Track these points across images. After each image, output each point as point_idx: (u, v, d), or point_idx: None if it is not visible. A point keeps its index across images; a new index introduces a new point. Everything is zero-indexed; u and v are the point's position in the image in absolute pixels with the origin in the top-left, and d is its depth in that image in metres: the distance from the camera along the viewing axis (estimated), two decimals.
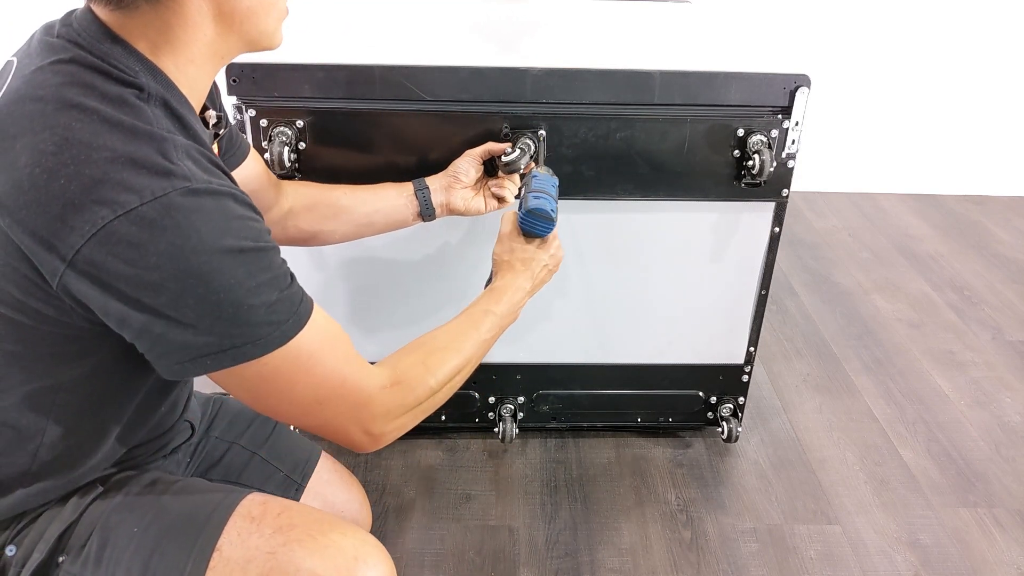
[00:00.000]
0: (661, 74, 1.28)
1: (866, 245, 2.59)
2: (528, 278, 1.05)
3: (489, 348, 0.99)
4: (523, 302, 1.05)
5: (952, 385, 1.89)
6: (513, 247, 1.07)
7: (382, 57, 1.29)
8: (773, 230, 1.42)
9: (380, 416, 0.82)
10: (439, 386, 0.89)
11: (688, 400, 1.59)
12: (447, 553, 1.37)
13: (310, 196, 1.18)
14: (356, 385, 0.79)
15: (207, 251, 0.66)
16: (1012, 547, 1.43)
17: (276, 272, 0.72)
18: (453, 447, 1.62)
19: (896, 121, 2.94)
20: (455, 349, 0.92)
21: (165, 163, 0.66)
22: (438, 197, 1.23)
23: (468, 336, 0.95)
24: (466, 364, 0.93)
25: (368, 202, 1.21)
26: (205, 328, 0.68)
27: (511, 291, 1.02)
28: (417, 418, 0.88)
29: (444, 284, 1.45)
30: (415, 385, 0.86)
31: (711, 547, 1.41)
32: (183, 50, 0.73)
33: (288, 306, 0.73)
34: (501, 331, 1.01)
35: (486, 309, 0.99)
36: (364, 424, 0.81)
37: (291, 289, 0.74)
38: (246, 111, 1.26)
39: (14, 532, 0.80)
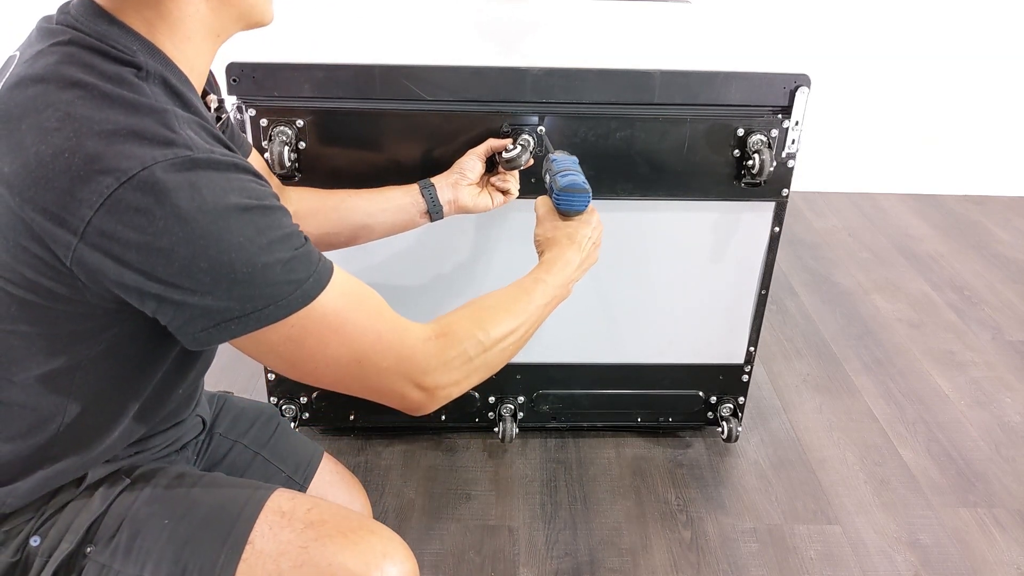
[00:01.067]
0: (661, 74, 1.28)
1: (866, 245, 2.59)
2: (576, 251, 1.02)
3: (544, 317, 0.96)
4: (575, 277, 1.02)
5: (952, 385, 1.89)
6: (556, 225, 1.05)
7: (382, 57, 1.29)
8: (773, 230, 1.42)
9: (430, 369, 0.80)
10: (491, 343, 0.86)
11: (688, 400, 1.59)
12: (447, 553, 1.37)
13: (313, 200, 1.17)
14: (396, 338, 0.77)
15: (213, 210, 0.66)
16: (1012, 547, 1.43)
17: (287, 230, 0.71)
18: (453, 447, 1.62)
19: (896, 121, 2.94)
20: (507, 310, 0.90)
21: (167, 133, 0.66)
22: (445, 194, 1.22)
23: (519, 300, 0.93)
24: (519, 327, 0.90)
25: (373, 204, 1.20)
26: (223, 292, 0.67)
27: (560, 263, 1.00)
28: (472, 376, 0.85)
29: (450, 283, 1.45)
30: (463, 337, 0.83)
31: (711, 547, 1.41)
32: (179, 27, 0.73)
33: (306, 264, 0.72)
34: (555, 303, 0.98)
35: (537, 277, 0.97)
36: (414, 378, 0.79)
37: (306, 248, 0.73)
38: (246, 111, 1.26)
39: (38, 523, 0.80)
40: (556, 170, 1.08)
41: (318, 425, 1.62)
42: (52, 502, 0.81)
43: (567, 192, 1.03)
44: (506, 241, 1.41)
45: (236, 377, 1.81)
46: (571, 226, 1.05)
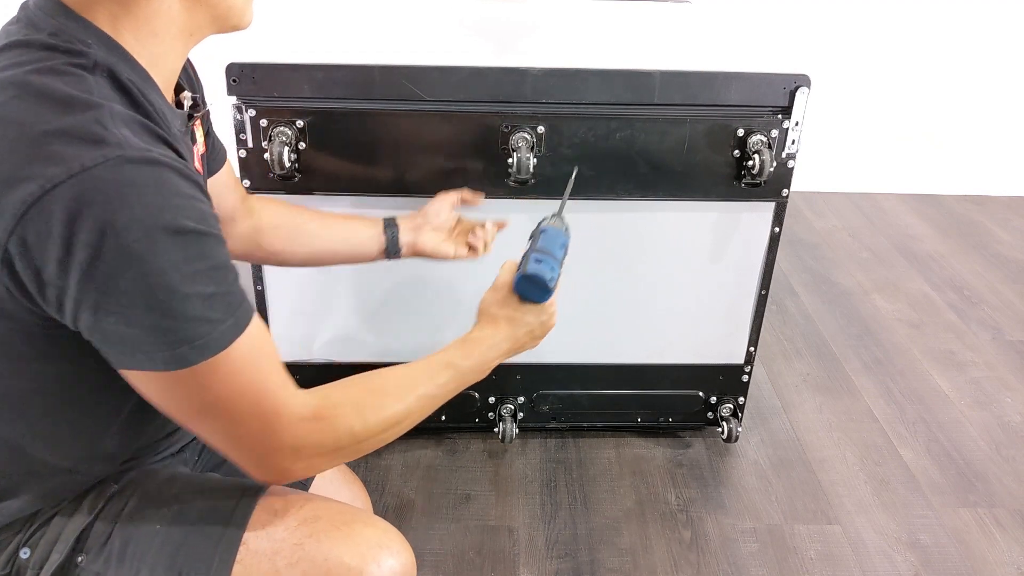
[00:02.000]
0: (661, 74, 1.28)
1: (866, 245, 2.59)
2: (508, 337, 0.96)
3: (439, 403, 0.89)
4: (494, 362, 0.95)
5: (952, 385, 1.89)
6: (506, 301, 0.97)
7: (382, 57, 1.29)
8: (773, 230, 1.42)
9: (288, 450, 0.74)
10: (366, 434, 0.80)
11: (688, 400, 1.59)
12: (447, 553, 1.37)
13: (279, 215, 1.14)
14: (273, 407, 0.72)
15: (140, 227, 0.61)
16: (1012, 547, 1.43)
17: (217, 262, 0.66)
18: (453, 447, 1.62)
19: (896, 121, 2.94)
20: (398, 397, 0.83)
21: (98, 130, 0.62)
22: (406, 236, 1.19)
23: (419, 386, 0.86)
24: (407, 417, 0.84)
25: (335, 232, 1.17)
26: (136, 318, 0.63)
27: (485, 347, 0.93)
28: (335, 461, 0.80)
29: (446, 281, 1.45)
30: (337, 425, 0.77)
31: (711, 547, 1.41)
32: (145, 23, 0.70)
33: (227, 305, 0.67)
34: (461, 387, 0.91)
35: (450, 362, 0.90)
36: (272, 454, 0.74)
37: (233, 287, 0.68)
38: (246, 111, 1.26)
39: (27, 535, 0.80)
40: (536, 247, 0.97)
41: None
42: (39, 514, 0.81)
43: (528, 281, 0.94)
44: (504, 240, 1.41)
45: None
46: (520, 310, 0.97)
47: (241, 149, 1.29)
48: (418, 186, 1.34)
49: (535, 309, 0.97)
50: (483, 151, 1.31)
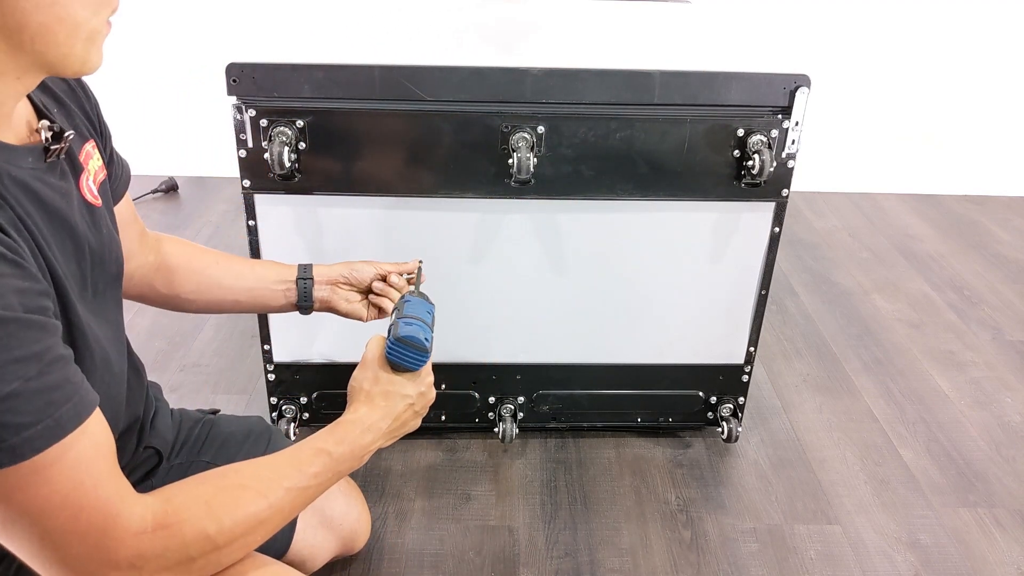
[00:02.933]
0: (661, 74, 1.28)
1: (866, 245, 2.59)
2: (386, 415, 0.87)
3: (311, 499, 0.78)
4: (373, 446, 0.86)
5: (952, 385, 1.89)
6: (378, 376, 0.89)
7: (382, 57, 1.29)
8: (773, 230, 1.42)
9: (127, 566, 0.63)
10: (224, 538, 0.68)
11: (688, 400, 1.59)
12: (447, 553, 1.37)
13: (178, 256, 1.05)
14: (103, 522, 0.62)
15: None
16: (1012, 547, 1.43)
17: (22, 354, 0.56)
18: (453, 447, 1.62)
19: (896, 121, 2.94)
20: (258, 491, 0.72)
21: None
22: (321, 292, 1.13)
23: (284, 477, 0.75)
24: (272, 515, 0.73)
25: (241, 279, 1.09)
26: None
27: (360, 430, 0.84)
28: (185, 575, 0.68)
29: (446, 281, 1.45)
30: (185, 532, 0.66)
31: (711, 547, 1.41)
32: None
33: (37, 405, 0.56)
34: (338, 477, 0.82)
35: (321, 448, 0.80)
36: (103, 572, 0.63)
37: (48, 379, 0.58)
38: (246, 111, 1.26)
39: None
40: (403, 313, 0.94)
41: (318, 424, 1.62)
42: None
43: (401, 345, 0.88)
44: (503, 242, 1.41)
45: (236, 378, 1.81)
46: (395, 382, 0.89)
47: (241, 149, 1.29)
48: (418, 186, 1.34)
49: (412, 379, 0.90)
50: (483, 151, 1.31)
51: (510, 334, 1.51)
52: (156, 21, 2.64)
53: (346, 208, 1.36)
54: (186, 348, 1.91)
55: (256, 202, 1.35)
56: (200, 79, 2.69)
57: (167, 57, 2.71)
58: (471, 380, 1.55)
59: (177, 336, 1.95)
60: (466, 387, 1.56)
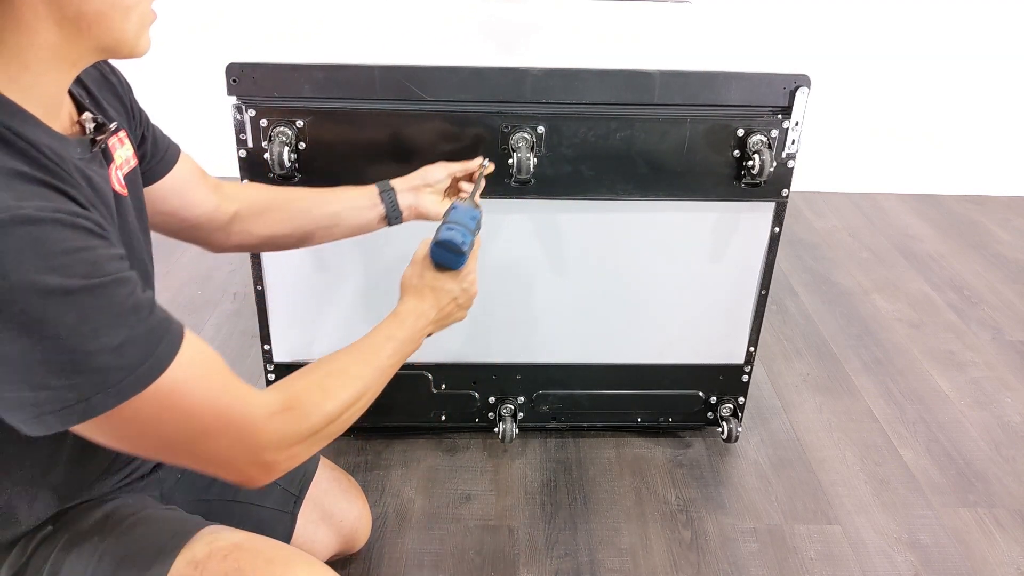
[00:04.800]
0: (661, 74, 1.28)
1: (866, 245, 2.59)
2: (433, 306, 0.99)
3: (389, 376, 0.93)
4: (426, 331, 0.99)
5: (952, 385, 1.89)
6: (424, 273, 1.01)
7: (382, 57, 1.29)
8: (773, 230, 1.42)
9: (272, 446, 0.75)
10: (337, 412, 0.82)
11: (688, 400, 1.59)
12: (447, 553, 1.37)
13: (260, 200, 1.12)
14: (239, 414, 0.72)
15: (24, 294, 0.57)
16: (1012, 547, 1.43)
17: (121, 308, 0.63)
18: (453, 447, 1.62)
19: (896, 121, 2.94)
20: (354, 375, 0.86)
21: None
22: (406, 199, 1.18)
23: (368, 362, 0.89)
24: (365, 391, 0.87)
25: (326, 206, 1.15)
26: (38, 382, 0.60)
27: (414, 317, 0.97)
28: (315, 447, 0.81)
29: None
30: (310, 411, 0.78)
31: (711, 547, 1.41)
32: (15, 57, 0.65)
33: (143, 346, 0.64)
34: (403, 358, 0.95)
35: (388, 335, 0.93)
36: (254, 455, 0.74)
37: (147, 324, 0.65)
38: (246, 111, 1.26)
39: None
40: (448, 217, 1.03)
41: None
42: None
43: (441, 247, 1.00)
44: (503, 242, 1.41)
45: None
46: (439, 279, 1.00)
47: (241, 149, 1.29)
48: None
49: (453, 276, 1.01)
50: (483, 151, 1.31)
51: (510, 334, 1.51)
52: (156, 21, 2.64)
53: None
54: None
55: None
56: (200, 79, 2.69)
57: (167, 57, 2.70)
58: (471, 380, 1.55)
59: None
60: (466, 387, 1.56)
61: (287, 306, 1.45)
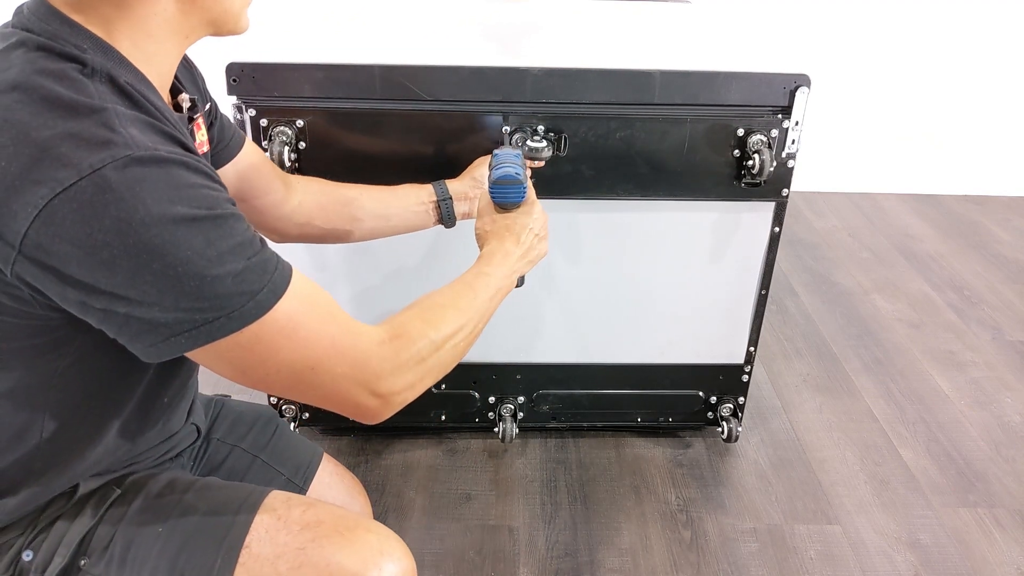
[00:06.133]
0: (661, 74, 1.28)
1: (866, 245, 2.59)
2: (514, 242, 1.01)
3: (491, 311, 0.95)
4: (517, 268, 1.01)
5: (952, 385, 1.89)
6: (494, 218, 1.04)
7: (382, 57, 1.29)
8: (773, 230, 1.42)
9: (385, 373, 0.77)
10: (442, 340, 0.84)
11: (688, 400, 1.59)
12: (447, 553, 1.37)
13: (323, 193, 1.16)
14: (350, 343, 0.75)
15: (157, 222, 0.63)
16: (1012, 547, 1.43)
17: (240, 239, 0.69)
18: (453, 447, 1.62)
19: (896, 121, 2.94)
20: (454, 307, 0.88)
21: (106, 133, 0.63)
22: (461, 207, 1.23)
23: (464, 295, 0.91)
24: (467, 323, 0.88)
25: (386, 207, 1.19)
26: (170, 305, 0.65)
27: (499, 254, 0.99)
28: (425, 377, 0.83)
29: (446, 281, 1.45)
30: (416, 337, 0.81)
31: (711, 547, 1.41)
32: (140, 25, 0.71)
33: (259, 274, 0.69)
34: (501, 295, 0.97)
35: (479, 271, 0.96)
36: (368, 384, 0.77)
37: (261, 256, 0.70)
38: (246, 111, 1.26)
39: (29, 537, 0.80)
40: (493, 164, 1.06)
41: (318, 425, 1.63)
42: (43, 516, 0.81)
43: (500, 185, 1.02)
44: None
45: None
46: (509, 218, 1.04)
47: None
48: None
49: (522, 210, 1.04)
50: (483, 151, 1.31)
51: (510, 334, 1.51)
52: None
53: None
54: None
55: None
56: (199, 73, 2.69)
57: None
58: (471, 380, 1.55)
59: None
60: (466, 387, 1.56)
61: None
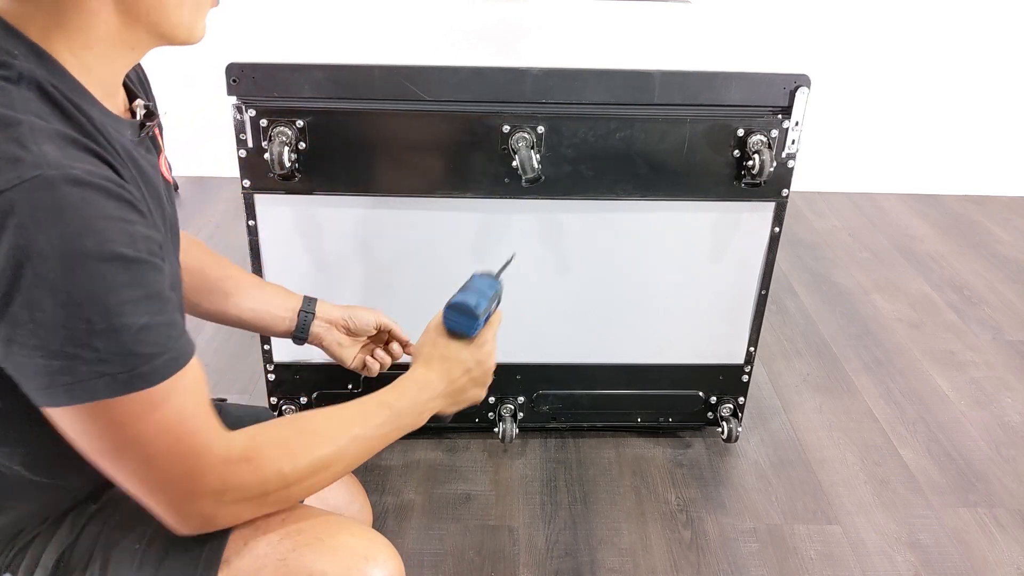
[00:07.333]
0: (661, 74, 1.28)
1: (866, 245, 2.59)
2: (442, 377, 0.91)
3: (377, 449, 0.85)
4: (432, 405, 0.91)
5: (952, 385, 1.89)
6: (436, 341, 0.94)
7: (382, 57, 1.29)
8: (773, 230, 1.42)
9: (211, 494, 0.70)
10: (295, 476, 0.75)
11: (688, 400, 1.59)
12: (447, 553, 1.37)
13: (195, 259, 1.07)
14: (197, 449, 0.68)
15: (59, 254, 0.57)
16: (1012, 547, 1.43)
17: (150, 291, 0.62)
18: (453, 447, 1.62)
19: (896, 121, 2.94)
20: (330, 438, 0.79)
21: (14, 149, 0.58)
22: (317, 328, 1.14)
23: (351, 427, 0.82)
24: (338, 460, 0.79)
25: (249, 299, 1.10)
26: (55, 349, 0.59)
27: (418, 387, 0.90)
28: (260, 509, 0.76)
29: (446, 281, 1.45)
30: (264, 467, 0.73)
31: (711, 547, 1.41)
32: (78, 36, 0.67)
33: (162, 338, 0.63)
34: (398, 432, 0.87)
35: (383, 401, 0.86)
36: (193, 499, 0.70)
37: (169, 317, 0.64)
38: (246, 111, 1.26)
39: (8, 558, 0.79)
40: (464, 286, 0.98)
41: None
42: (20, 535, 0.80)
43: (453, 310, 0.93)
44: (502, 242, 1.41)
45: (236, 378, 1.81)
46: (451, 348, 0.93)
47: (241, 149, 1.29)
48: (417, 186, 1.34)
49: (467, 346, 0.93)
50: (483, 151, 1.31)
51: (510, 334, 1.50)
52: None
53: (346, 208, 1.36)
54: None
55: (256, 202, 1.35)
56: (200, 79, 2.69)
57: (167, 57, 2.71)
58: None
59: None
60: None
61: None
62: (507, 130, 1.29)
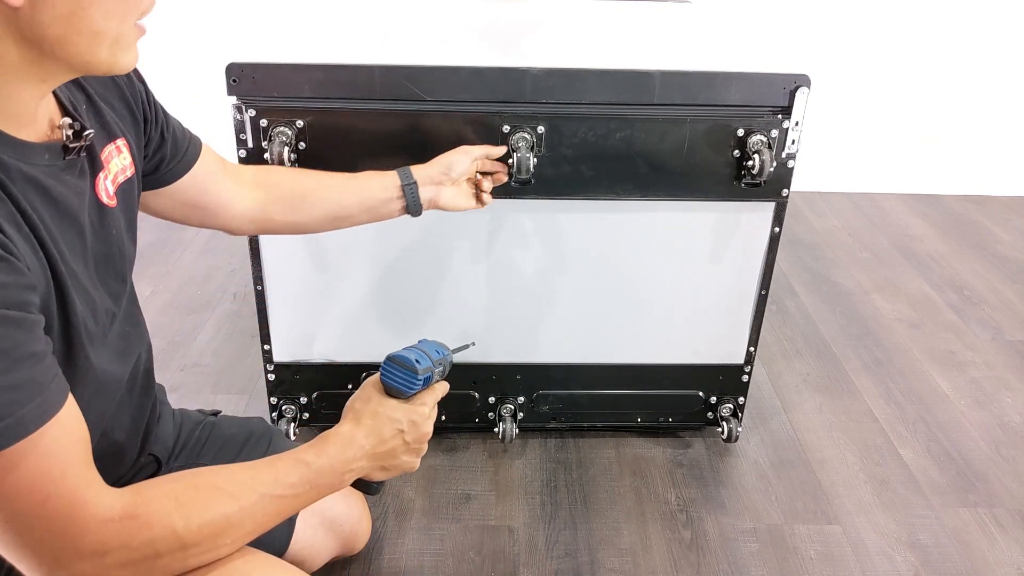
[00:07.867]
0: (661, 74, 1.28)
1: (866, 245, 2.59)
2: (370, 435, 0.83)
3: (293, 510, 0.77)
4: (357, 466, 0.82)
5: (952, 385, 1.89)
6: (370, 396, 0.87)
7: (382, 57, 1.29)
8: (773, 230, 1.42)
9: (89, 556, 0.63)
10: (192, 538, 0.67)
11: (688, 400, 1.59)
12: (447, 553, 1.37)
13: (284, 188, 1.11)
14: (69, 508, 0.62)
15: None
16: (1012, 547, 1.43)
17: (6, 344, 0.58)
18: (453, 447, 1.62)
19: (896, 121, 2.94)
20: (231, 493, 0.70)
21: None
22: (427, 193, 1.17)
23: (259, 483, 0.73)
24: (243, 521, 0.71)
25: (349, 193, 1.14)
26: None
27: (342, 445, 0.81)
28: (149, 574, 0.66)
29: (446, 281, 1.45)
30: (152, 524, 0.65)
31: (711, 547, 1.41)
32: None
33: (7, 403, 0.58)
34: (317, 493, 0.78)
35: (299, 458, 0.77)
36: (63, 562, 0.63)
37: (14, 376, 0.59)
38: (246, 111, 1.26)
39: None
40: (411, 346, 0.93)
41: (318, 425, 1.62)
42: None
43: (393, 364, 0.87)
44: (503, 242, 1.42)
45: (236, 378, 1.81)
46: (384, 405, 0.86)
47: (241, 149, 1.29)
48: None
49: (403, 404, 0.87)
50: None
51: (510, 334, 1.51)
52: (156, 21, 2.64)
53: None
54: (186, 348, 1.91)
55: None
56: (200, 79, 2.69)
57: (167, 57, 2.71)
58: (471, 380, 1.55)
59: (177, 336, 1.95)
60: (466, 387, 1.56)
61: (287, 306, 1.45)
62: (507, 130, 1.29)
